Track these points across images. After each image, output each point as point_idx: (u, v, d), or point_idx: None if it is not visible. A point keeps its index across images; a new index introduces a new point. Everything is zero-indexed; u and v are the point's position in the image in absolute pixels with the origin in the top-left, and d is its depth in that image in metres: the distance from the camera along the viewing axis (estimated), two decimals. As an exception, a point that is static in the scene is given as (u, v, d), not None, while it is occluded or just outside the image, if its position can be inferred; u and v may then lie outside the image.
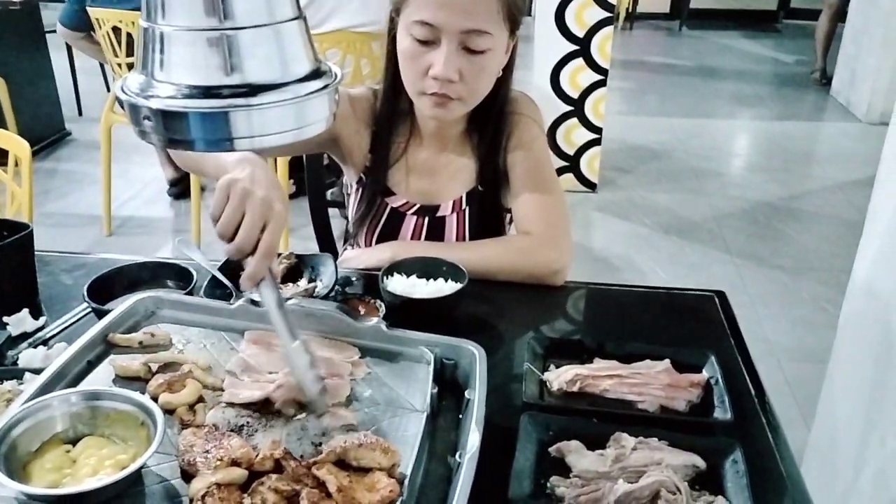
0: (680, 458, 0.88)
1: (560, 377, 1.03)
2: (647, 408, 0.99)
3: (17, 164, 1.82)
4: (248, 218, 0.89)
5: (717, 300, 1.27)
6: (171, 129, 0.66)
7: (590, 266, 3.26)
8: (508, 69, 1.37)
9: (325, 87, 0.70)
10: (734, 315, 1.22)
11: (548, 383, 1.03)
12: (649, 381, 1.01)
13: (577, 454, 0.89)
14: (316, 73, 0.70)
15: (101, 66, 5.29)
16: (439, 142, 1.45)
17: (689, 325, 1.23)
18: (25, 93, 4.29)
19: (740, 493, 0.84)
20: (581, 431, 0.92)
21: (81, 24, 3.30)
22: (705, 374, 1.04)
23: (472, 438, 0.83)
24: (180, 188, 3.94)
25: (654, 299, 1.30)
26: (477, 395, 0.90)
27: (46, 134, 4.60)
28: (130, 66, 3.21)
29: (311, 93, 0.69)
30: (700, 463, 0.88)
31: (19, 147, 1.79)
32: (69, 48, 4.99)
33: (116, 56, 3.24)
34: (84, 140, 4.79)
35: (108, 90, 5.38)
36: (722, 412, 0.97)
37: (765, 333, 2.85)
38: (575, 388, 1.02)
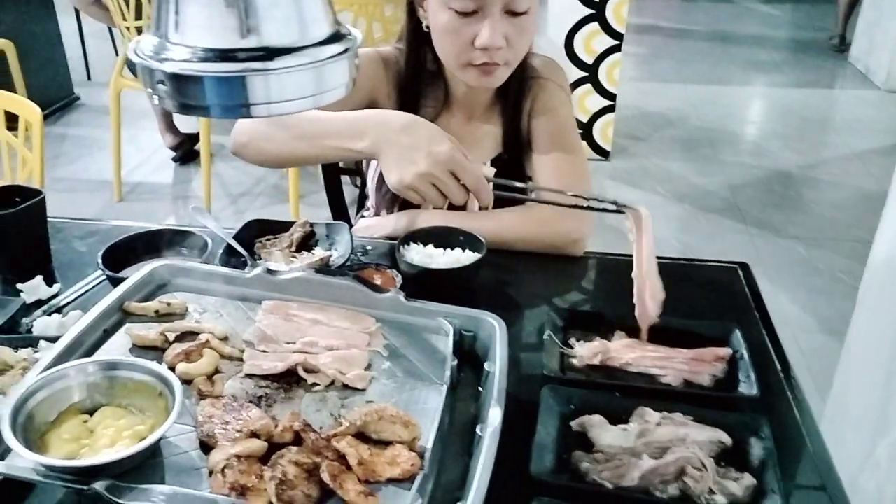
0: (705, 433, 0.87)
1: (581, 350, 1.01)
2: (671, 382, 0.98)
3: (27, 129, 1.79)
4: (440, 191, 1.11)
5: (740, 272, 1.25)
6: (185, 93, 0.64)
7: (601, 235, 3.19)
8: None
9: (346, 51, 0.67)
10: (758, 287, 1.20)
11: (568, 356, 1.02)
12: (672, 355, 0.99)
13: (599, 429, 0.87)
14: (335, 37, 0.67)
15: (110, 29, 5.23)
16: (468, 109, 1.42)
17: (711, 297, 1.20)
18: (34, 57, 4.25)
19: (768, 469, 0.82)
20: (603, 405, 0.91)
21: (90, -13, 3.26)
22: (729, 347, 1.02)
23: (494, 413, 0.82)
24: (182, 152, 3.94)
25: (676, 271, 1.28)
26: (498, 369, 0.89)
27: (56, 98, 4.57)
28: (139, 30, 3.19)
29: (331, 57, 0.66)
30: (726, 439, 0.87)
31: (30, 112, 1.76)
32: (77, 12, 4.94)
33: (125, 19, 3.20)
34: (93, 105, 4.76)
35: (117, 54, 5.33)
36: (747, 387, 0.95)
37: (780, 304, 2.82)
38: (596, 361, 1.00)
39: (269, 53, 0.63)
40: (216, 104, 0.63)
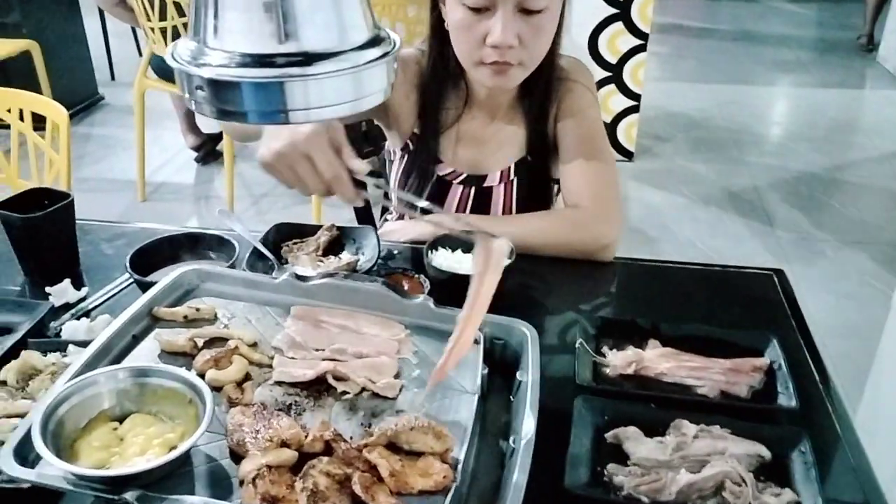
0: (743, 446, 0.85)
1: (614, 359, 0.99)
2: (707, 393, 0.95)
3: (54, 131, 1.80)
4: (294, 171, 0.98)
5: (775, 279, 1.22)
6: (223, 99, 0.63)
7: (626, 237, 3.17)
8: (558, 29, 1.31)
9: (385, 55, 0.66)
10: (794, 295, 1.17)
11: (601, 365, 1.00)
12: (709, 365, 0.97)
13: (634, 441, 0.86)
14: (374, 41, 0.66)
15: (133, 30, 5.27)
16: (490, 110, 1.40)
17: (746, 305, 1.18)
18: (59, 57, 4.28)
19: (809, 485, 0.80)
20: (638, 417, 0.89)
21: (115, -12, 3.28)
22: (767, 358, 1.00)
23: (528, 424, 0.80)
24: (204, 152, 3.95)
25: (709, 277, 1.26)
26: (530, 378, 0.87)
27: (80, 98, 4.60)
28: (163, 31, 3.19)
29: (370, 62, 0.65)
30: (765, 453, 0.84)
31: (57, 113, 1.77)
32: (101, 12, 4.98)
33: (149, 20, 3.21)
34: (117, 105, 4.79)
35: (140, 55, 5.36)
36: (786, 399, 0.93)
37: (808, 309, 2.76)
38: (630, 371, 0.98)
39: (308, 58, 0.61)
40: (254, 110, 0.62)
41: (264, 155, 1.01)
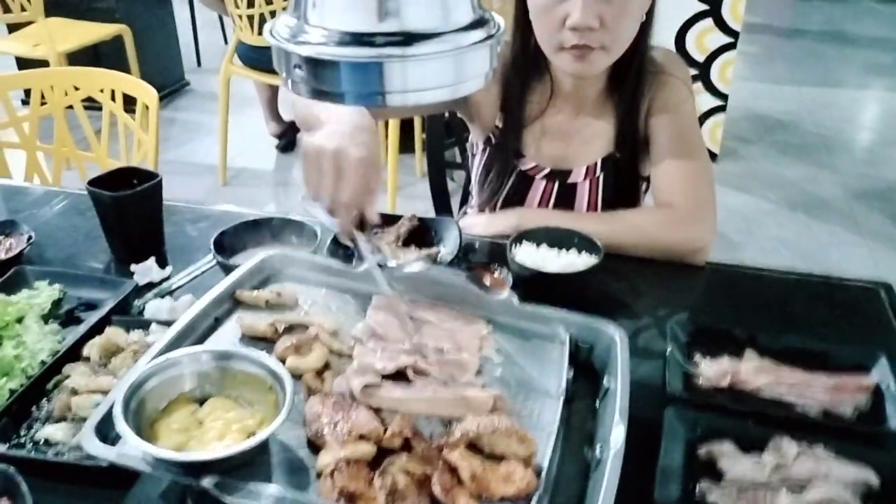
0: (849, 471, 0.78)
1: (708, 369, 0.93)
2: (808, 411, 0.89)
3: (144, 111, 1.83)
4: (321, 176, 0.95)
5: (882, 293, 1.14)
6: (320, 79, 0.60)
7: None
8: (649, 17, 1.26)
9: (489, 37, 0.62)
10: (903, 311, 1.09)
11: (693, 375, 0.95)
12: (811, 382, 0.91)
13: (730, 458, 0.80)
14: (478, 23, 0.63)
15: (220, 18, 5.39)
16: (576, 103, 1.35)
17: (849, 318, 1.10)
18: (149, 43, 4.41)
19: (923, 518, 0.73)
20: (734, 432, 0.83)
21: (206, -25, 3.35)
22: (874, 376, 0.93)
23: (617, 432, 0.76)
24: (285, 141, 4.00)
25: (809, 288, 1.18)
26: (619, 384, 0.83)
27: (167, 83, 4.72)
28: (251, 18, 3.24)
29: (473, 44, 0.61)
30: (873, 479, 0.78)
31: (147, 94, 1.80)
32: (191, 0, 5.10)
33: (238, 7, 3.26)
34: (201, 91, 4.90)
35: (226, 42, 5.48)
36: (896, 422, 0.86)
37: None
38: (724, 383, 0.92)
39: (408, 38, 0.59)
40: (351, 91, 0.60)
41: (309, 142, 1.00)
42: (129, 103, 1.87)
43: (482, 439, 0.77)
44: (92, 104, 1.91)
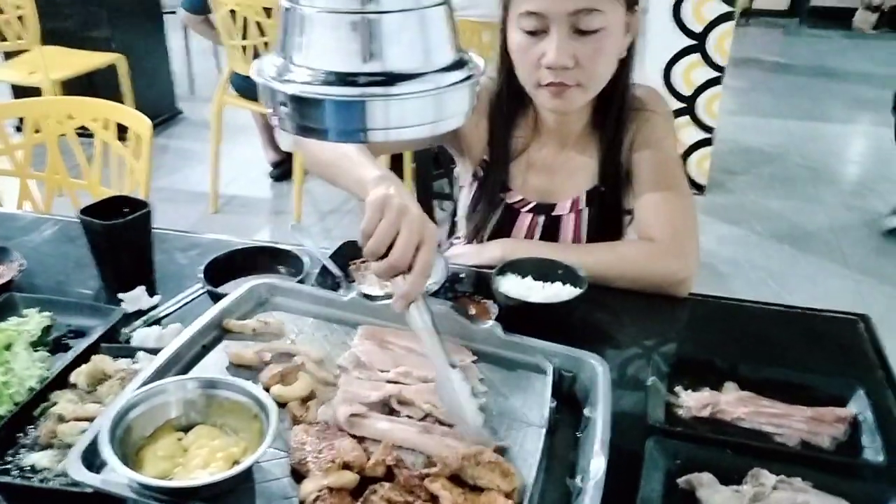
0: (827, 502, 0.80)
1: (689, 399, 0.95)
2: (787, 442, 0.90)
3: (137, 141, 1.85)
4: (405, 235, 0.86)
5: (861, 325, 1.16)
6: (304, 115, 0.63)
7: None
8: (630, 54, 1.29)
9: (468, 78, 0.65)
10: (881, 343, 1.11)
11: (674, 405, 0.96)
12: (790, 412, 0.92)
13: (709, 488, 0.81)
14: (458, 63, 0.65)
15: (215, 47, 5.44)
16: (561, 138, 1.38)
17: (829, 350, 1.12)
18: (143, 71, 4.44)
19: (898, 549, 0.74)
20: (713, 463, 0.85)
21: (201, 7, 3.40)
22: (852, 408, 0.94)
23: (597, 463, 0.77)
24: (281, 170, 4.03)
25: (789, 320, 1.20)
26: (601, 415, 0.84)
27: (160, 111, 4.76)
28: (244, 49, 3.28)
29: (453, 84, 0.64)
30: (849, 510, 0.79)
31: (140, 123, 1.82)
32: (186, 29, 5.16)
33: (232, 39, 3.30)
34: (194, 119, 4.94)
35: (219, 71, 5.53)
36: (873, 453, 0.87)
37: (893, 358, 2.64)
38: (705, 413, 0.94)
39: (390, 78, 0.61)
40: (334, 128, 0.62)
41: (378, 190, 0.92)
42: (123, 130, 1.89)
43: (466, 471, 0.78)
44: (85, 131, 1.93)
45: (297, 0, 0.61)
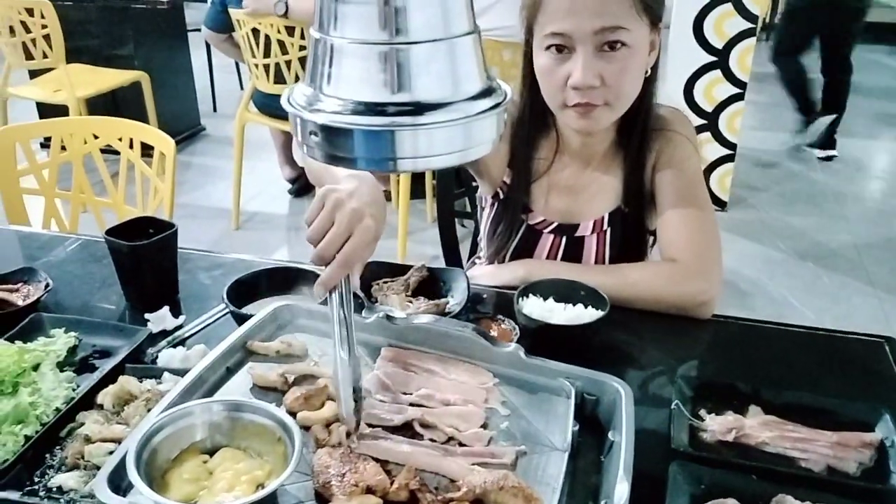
0: (854, 530, 0.79)
1: (713, 424, 0.94)
2: (812, 467, 0.90)
3: (161, 160, 1.87)
4: (335, 227, 0.89)
5: (887, 347, 1.14)
6: (334, 145, 0.63)
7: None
8: (654, 73, 1.29)
9: (496, 106, 0.65)
10: (908, 366, 1.10)
11: (698, 429, 0.95)
12: (815, 437, 0.91)
13: (734, 514, 0.81)
14: (486, 92, 0.65)
15: (237, 64, 5.50)
16: (584, 159, 1.38)
17: (853, 373, 1.11)
18: (166, 88, 4.51)
19: (928, 580, 0.73)
20: (738, 488, 0.84)
21: (224, 26, 3.44)
22: (879, 433, 0.93)
23: (621, 488, 0.77)
24: (298, 185, 4.06)
25: (813, 342, 1.19)
26: (624, 440, 0.84)
27: (183, 128, 4.82)
28: (266, 67, 3.32)
29: (480, 112, 0.64)
30: (877, 538, 0.78)
31: (165, 143, 1.84)
32: (208, 47, 5.22)
33: (254, 57, 3.34)
34: (217, 136, 4.99)
35: (242, 88, 5.60)
36: (901, 480, 0.86)
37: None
38: (729, 438, 0.93)
39: (419, 108, 0.62)
40: (363, 157, 0.62)
41: (334, 185, 0.97)
42: (147, 148, 1.91)
43: (489, 496, 0.78)
44: (109, 147, 1.96)
45: (327, 31, 0.62)
